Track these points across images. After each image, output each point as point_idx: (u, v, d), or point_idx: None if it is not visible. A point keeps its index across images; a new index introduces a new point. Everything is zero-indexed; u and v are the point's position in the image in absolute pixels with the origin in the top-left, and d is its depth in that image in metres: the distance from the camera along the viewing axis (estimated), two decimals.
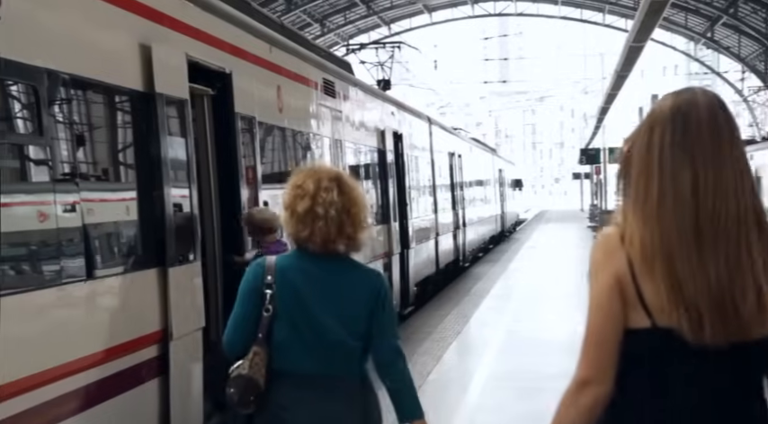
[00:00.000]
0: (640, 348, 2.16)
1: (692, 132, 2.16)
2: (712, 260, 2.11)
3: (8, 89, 4.46)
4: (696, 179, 2.14)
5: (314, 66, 9.98)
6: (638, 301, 2.14)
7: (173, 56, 6.00)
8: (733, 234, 2.13)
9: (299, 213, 3.37)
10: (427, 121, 18.46)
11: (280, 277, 3.36)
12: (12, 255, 4.36)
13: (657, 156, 2.17)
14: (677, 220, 2.13)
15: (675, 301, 2.10)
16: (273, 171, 8.53)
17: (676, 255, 2.11)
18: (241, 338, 3.38)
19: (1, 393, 4.01)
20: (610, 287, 2.18)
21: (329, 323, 3.31)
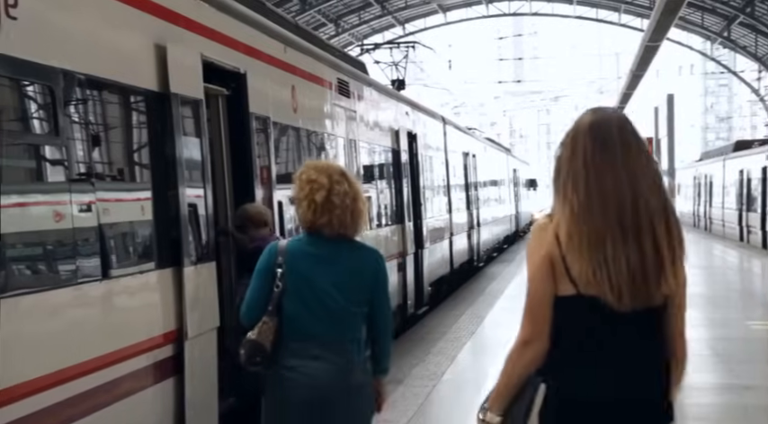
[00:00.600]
0: (569, 311, 2.73)
1: (609, 143, 2.73)
2: (630, 247, 2.70)
3: (24, 89, 4.48)
4: (616, 181, 2.70)
5: (328, 66, 9.99)
6: (565, 275, 2.72)
7: (188, 56, 6.02)
8: (646, 227, 2.71)
9: (317, 203, 3.92)
10: (441, 121, 18.44)
11: (290, 258, 3.92)
12: (28, 255, 4.38)
13: (582, 163, 2.72)
14: (604, 215, 2.69)
15: (602, 278, 2.69)
16: (288, 171, 8.53)
17: (603, 243, 2.69)
18: (255, 310, 3.95)
19: (18, 392, 4.03)
20: (543, 265, 2.73)
21: (334, 295, 3.87)
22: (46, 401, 4.25)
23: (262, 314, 3.90)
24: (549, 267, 2.74)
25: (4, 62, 4.13)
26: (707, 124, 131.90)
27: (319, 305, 3.88)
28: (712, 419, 7.65)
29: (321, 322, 3.87)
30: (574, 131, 2.81)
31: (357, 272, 3.93)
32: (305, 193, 3.97)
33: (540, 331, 2.76)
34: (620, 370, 2.74)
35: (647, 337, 2.79)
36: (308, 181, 3.99)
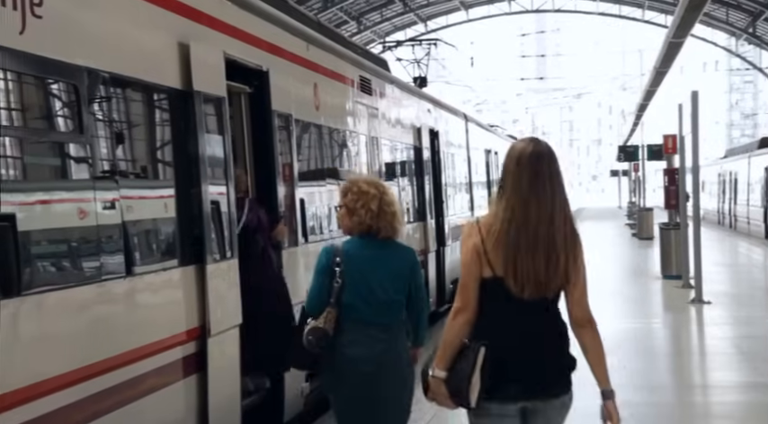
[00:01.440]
0: (489, 289, 3.58)
1: (540, 175, 3.55)
2: (537, 254, 3.54)
3: (49, 87, 4.51)
4: (538, 211, 3.54)
5: (350, 63, 9.99)
6: (486, 261, 3.58)
7: (210, 54, 6.04)
8: (551, 239, 3.56)
9: (373, 211, 4.72)
10: (463, 118, 18.41)
11: (346, 258, 4.70)
12: (53, 252, 4.42)
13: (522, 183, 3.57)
14: (525, 235, 3.54)
15: (509, 272, 3.55)
16: (310, 168, 8.55)
17: (517, 247, 3.53)
18: (318, 303, 4.73)
19: (43, 388, 4.07)
20: (471, 253, 3.59)
21: (382, 286, 4.68)
22: (71, 398, 4.28)
23: (324, 306, 4.67)
24: (475, 254, 3.59)
25: (29, 60, 4.16)
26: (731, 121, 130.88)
27: (372, 297, 4.68)
28: (737, 418, 7.60)
29: (373, 310, 4.67)
30: (516, 156, 3.61)
31: (399, 268, 4.69)
32: (361, 203, 4.73)
33: (468, 302, 3.60)
34: (526, 335, 3.61)
35: (546, 309, 3.66)
36: (361, 192, 4.76)
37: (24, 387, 3.95)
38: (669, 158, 18.56)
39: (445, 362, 3.61)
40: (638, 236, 28.95)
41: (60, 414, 4.20)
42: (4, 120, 4.13)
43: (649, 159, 29.08)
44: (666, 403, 8.08)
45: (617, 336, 11.38)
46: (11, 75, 4.15)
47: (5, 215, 3.98)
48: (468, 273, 3.60)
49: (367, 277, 4.68)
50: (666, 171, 18.31)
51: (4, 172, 4.13)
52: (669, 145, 18.36)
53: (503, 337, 3.57)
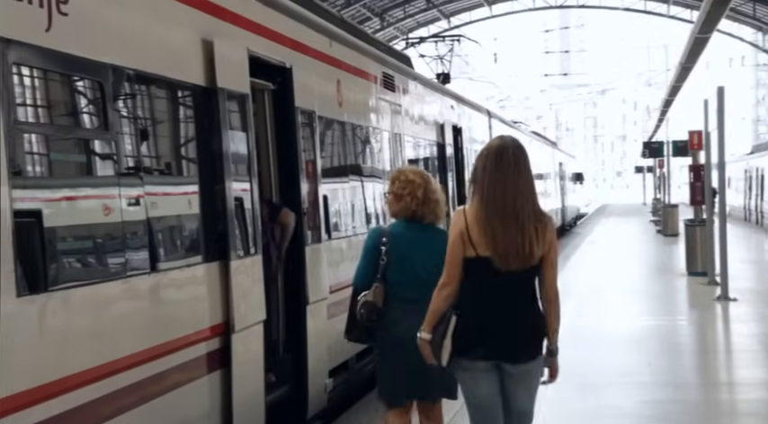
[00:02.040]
0: (471, 267, 4.23)
1: (504, 163, 4.23)
2: (510, 229, 4.18)
3: (75, 85, 4.54)
4: (505, 189, 4.20)
5: (373, 60, 9.98)
6: (469, 243, 4.21)
7: (234, 51, 6.06)
8: (521, 217, 4.20)
9: (419, 197, 5.28)
10: (487, 115, 18.35)
11: (392, 239, 5.24)
12: (78, 248, 4.45)
13: (487, 173, 4.23)
14: (494, 209, 4.19)
15: (492, 248, 4.19)
16: (333, 165, 8.56)
17: (494, 225, 4.19)
18: (363, 278, 5.28)
19: (69, 383, 4.10)
20: (457, 236, 4.24)
21: (424, 267, 5.11)
22: (97, 393, 4.31)
23: (371, 281, 5.21)
24: (460, 238, 4.24)
25: (55, 58, 4.19)
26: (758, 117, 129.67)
27: (414, 275, 5.16)
28: (763, 415, 7.54)
29: (414, 287, 5.07)
30: (485, 152, 4.29)
31: (439, 249, 4.82)
32: (408, 190, 5.27)
33: (451, 278, 4.27)
34: (502, 306, 4.23)
35: (520, 289, 4.27)
36: (408, 181, 5.30)
37: (50, 382, 3.98)
38: (695, 154, 18.42)
39: (430, 327, 4.34)
40: (663, 233, 28.75)
41: (87, 409, 4.23)
42: (30, 117, 4.17)
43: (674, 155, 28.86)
44: (692, 401, 8.03)
45: (642, 333, 11.33)
46: (37, 72, 4.18)
47: (32, 211, 4.01)
48: (453, 254, 4.27)
49: (410, 257, 5.20)
50: (692, 167, 18.18)
51: (30, 168, 4.16)
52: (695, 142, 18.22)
53: (477, 308, 4.26)
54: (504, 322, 4.22)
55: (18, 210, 3.83)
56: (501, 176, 4.22)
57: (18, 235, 3.80)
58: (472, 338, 4.24)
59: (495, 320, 4.23)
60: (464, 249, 4.22)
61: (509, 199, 4.21)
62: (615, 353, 10.08)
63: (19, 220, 3.82)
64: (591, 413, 7.59)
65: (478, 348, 4.24)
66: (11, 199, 3.78)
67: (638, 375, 8.96)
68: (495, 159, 4.25)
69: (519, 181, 4.24)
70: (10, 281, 3.73)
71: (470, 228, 4.21)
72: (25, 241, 3.88)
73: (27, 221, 3.94)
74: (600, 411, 7.63)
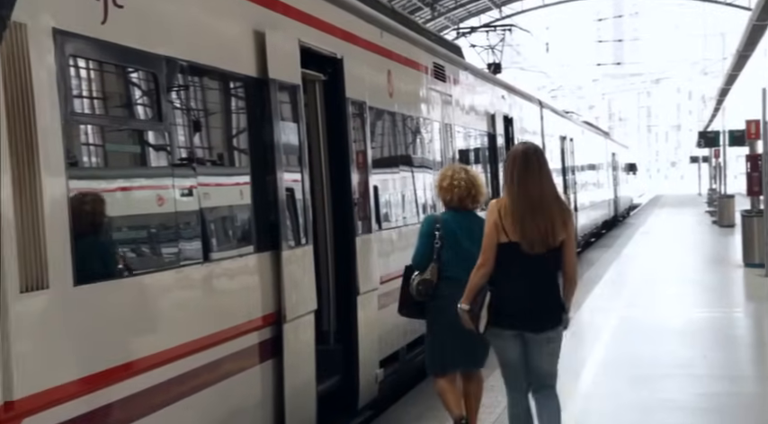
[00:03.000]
0: (503, 251, 5.14)
1: (529, 163, 5.18)
2: (537, 219, 5.09)
3: (130, 76, 4.60)
4: (531, 185, 5.15)
5: (424, 50, 9.96)
6: (503, 231, 5.12)
7: (286, 42, 6.08)
8: (546, 207, 5.13)
9: (467, 190, 6.20)
10: (538, 105, 18.21)
11: (444, 224, 6.13)
12: (132, 238, 4.51)
13: (515, 173, 5.19)
14: (523, 202, 5.12)
15: (521, 235, 5.09)
16: (383, 155, 8.56)
17: (523, 216, 5.10)
18: (422, 259, 6.12)
19: (124, 371, 4.16)
20: (492, 225, 5.16)
21: (470, 248, 5.79)
22: (151, 381, 4.37)
23: (429, 262, 6.04)
24: (495, 227, 5.17)
25: (110, 50, 4.25)
26: None
27: (462, 255, 5.95)
28: None
29: (462, 265, 5.74)
30: (512, 156, 5.28)
31: (479, 233, 5.58)
32: (458, 184, 6.18)
33: (487, 260, 5.19)
34: (528, 284, 5.15)
35: (543, 268, 5.16)
36: (458, 177, 6.21)
37: (106, 370, 4.04)
38: (752, 144, 18.13)
39: (468, 300, 5.26)
40: (719, 224, 28.33)
41: (142, 397, 4.29)
42: (86, 109, 4.23)
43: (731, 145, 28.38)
44: (748, 394, 7.91)
45: (696, 325, 11.18)
46: (93, 64, 4.24)
47: (87, 201, 4.07)
48: (489, 240, 5.19)
49: (459, 239, 6.05)
50: (749, 157, 17.88)
51: (86, 159, 4.23)
52: (752, 131, 17.90)
53: (507, 285, 5.17)
54: (529, 296, 5.16)
55: (74, 200, 3.89)
56: (528, 176, 5.18)
57: (74, 226, 3.86)
58: (503, 310, 5.17)
59: (521, 295, 5.15)
60: (498, 236, 5.16)
61: (536, 195, 5.15)
62: (669, 345, 9.96)
63: (75, 210, 3.88)
64: (644, 406, 7.51)
65: (507, 319, 5.18)
66: (68, 190, 3.84)
67: (692, 367, 8.85)
68: (522, 162, 5.21)
69: (543, 179, 5.23)
70: (67, 271, 3.79)
71: (504, 219, 5.14)
72: (81, 231, 3.94)
73: (83, 211, 4.00)
74: (653, 404, 7.56)
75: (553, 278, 5.20)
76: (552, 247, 5.12)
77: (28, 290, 3.54)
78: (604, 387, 8.28)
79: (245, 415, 5.38)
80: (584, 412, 7.41)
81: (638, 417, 7.25)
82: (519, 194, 5.14)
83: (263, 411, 5.58)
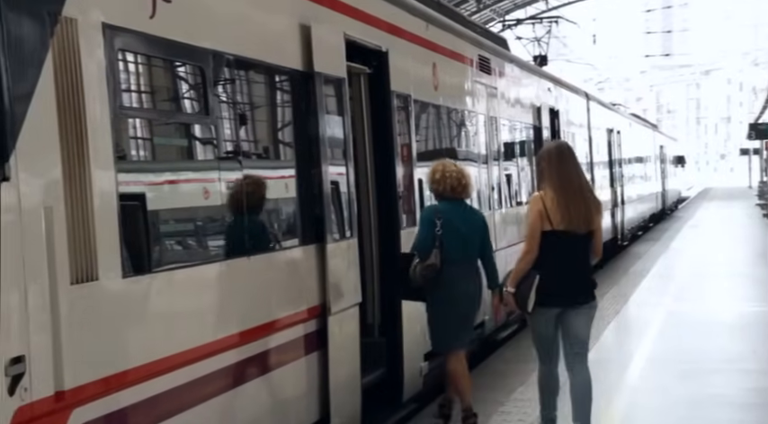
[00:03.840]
0: (548, 237, 5.74)
1: (564, 158, 5.90)
2: (579, 206, 5.78)
3: (177, 70, 4.65)
4: (570, 175, 5.86)
5: (469, 42, 9.92)
6: (547, 219, 5.74)
7: (331, 35, 6.10)
8: (584, 196, 5.87)
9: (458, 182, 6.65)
10: (585, 97, 18.05)
11: (443, 213, 6.56)
12: (179, 231, 4.56)
13: (554, 168, 5.84)
14: (566, 191, 5.78)
15: (567, 220, 5.75)
16: (428, 149, 8.55)
17: (568, 205, 5.74)
18: (425, 245, 6.50)
19: (172, 362, 4.21)
20: (536, 215, 5.76)
21: (467, 234, 6.56)
22: (198, 373, 4.42)
23: (431, 248, 6.43)
24: (539, 216, 5.77)
25: (158, 44, 4.29)
26: None
27: (461, 240, 6.50)
28: None
29: (460, 250, 6.47)
30: (547, 154, 6.02)
31: (475, 222, 6.66)
32: (448, 175, 6.63)
33: (532, 248, 5.80)
34: (570, 266, 5.84)
35: (581, 249, 5.89)
36: (449, 170, 6.67)
37: (154, 361, 4.09)
38: None
39: (515, 283, 5.86)
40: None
41: (189, 388, 4.34)
42: (134, 103, 4.28)
43: None
44: None
45: (746, 319, 11.02)
46: (141, 58, 4.29)
47: (135, 194, 4.13)
48: (534, 229, 5.78)
49: (456, 226, 6.52)
50: None
51: (134, 152, 4.28)
52: None
53: (551, 269, 5.77)
54: (570, 276, 5.84)
55: (123, 194, 3.94)
56: (566, 169, 5.86)
57: (122, 218, 3.91)
58: (548, 290, 5.78)
59: (565, 275, 5.81)
60: (542, 224, 5.75)
61: (575, 185, 5.87)
62: (718, 339, 9.84)
63: (123, 203, 3.93)
64: (692, 400, 7.43)
65: (552, 298, 5.81)
66: (116, 183, 3.89)
67: (741, 361, 8.73)
68: (558, 157, 5.91)
69: (579, 171, 6.00)
70: (116, 263, 3.85)
71: (549, 209, 5.76)
72: (129, 223, 3.99)
73: (131, 204, 4.05)
74: (702, 398, 7.47)
75: (588, 259, 5.99)
76: (589, 230, 5.84)
77: (78, 282, 3.59)
78: (652, 381, 8.20)
79: (290, 407, 5.42)
80: (631, 406, 7.36)
81: (685, 411, 7.17)
82: (562, 185, 5.80)
83: (308, 403, 5.61)
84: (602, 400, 7.47)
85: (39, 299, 3.38)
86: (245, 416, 4.89)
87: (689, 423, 6.90)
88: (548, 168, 5.86)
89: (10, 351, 3.24)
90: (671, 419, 7.08)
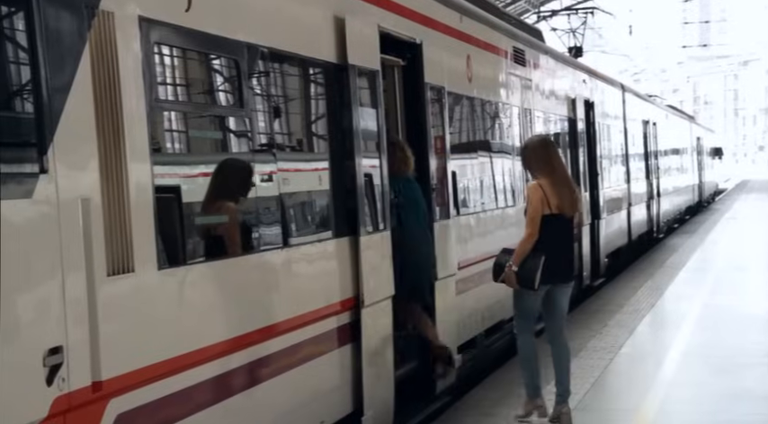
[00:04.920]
0: (547, 220, 6.37)
1: (551, 151, 6.69)
2: (567, 191, 6.50)
3: (212, 63, 4.67)
4: (561, 167, 6.71)
5: (504, 34, 9.87)
6: (547, 204, 6.38)
7: (365, 27, 6.09)
8: (569, 182, 6.67)
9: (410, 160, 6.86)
10: (620, 89, 17.90)
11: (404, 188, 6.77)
12: (214, 223, 4.58)
13: (545, 160, 6.54)
14: (560, 180, 6.50)
15: (564, 204, 6.43)
16: (462, 141, 8.53)
17: (562, 191, 6.45)
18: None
19: (206, 353, 4.24)
20: (538, 201, 6.38)
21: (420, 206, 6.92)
22: (232, 364, 4.45)
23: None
24: (541, 202, 6.35)
25: (194, 37, 4.31)
26: None
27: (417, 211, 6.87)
28: None
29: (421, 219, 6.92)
30: (533, 145, 6.73)
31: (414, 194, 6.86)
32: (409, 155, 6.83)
33: (535, 230, 6.35)
34: (563, 246, 6.51)
35: (570, 230, 6.63)
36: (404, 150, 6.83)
37: (189, 353, 4.12)
38: None
39: (519, 262, 6.34)
40: None
41: (223, 379, 4.37)
42: (170, 95, 4.31)
43: None
44: None
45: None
46: (176, 51, 4.31)
47: (171, 187, 4.16)
48: (536, 213, 6.36)
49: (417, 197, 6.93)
50: None
51: (170, 145, 4.31)
52: None
53: (550, 249, 6.32)
54: (563, 255, 6.48)
55: (158, 186, 3.97)
56: (554, 160, 6.56)
57: (158, 211, 3.94)
58: (549, 269, 6.29)
59: (560, 254, 6.42)
60: (543, 209, 6.34)
61: (565, 174, 6.67)
62: (755, 334, 9.73)
63: (159, 196, 3.96)
64: (727, 394, 7.36)
65: (549, 277, 6.34)
66: (152, 175, 3.92)
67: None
68: (545, 150, 6.60)
69: (562, 161, 6.82)
70: (151, 255, 3.88)
71: (549, 195, 6.36)
72: (165, 216, 4.02)
73: (166, 197, 4.08)
74: (737, 393, 7.40)
75: (573, 240, 6.81)
76: (576, 212, 6.62)
77: (114, 274, 3.63)
78: (687, 375, 8.13)
79: (324, 398, 5.44)
80: (666, 400, 7.31)
81: (720, 405, 7.11)
82: (552, 173, 6.45)
83: (341, 395, 5.63)
84: (636, 393, 7.43)
85: (76, 291, 3.42)
86: (279, 407, 4.92)
87: (723, 417, 6.84)
88: (536, 159, 6.51)
89: (48, 342, 3.28)
90: (705, 412, 7.02)
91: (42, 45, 3.33)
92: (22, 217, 3.22)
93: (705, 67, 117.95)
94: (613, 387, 7.89)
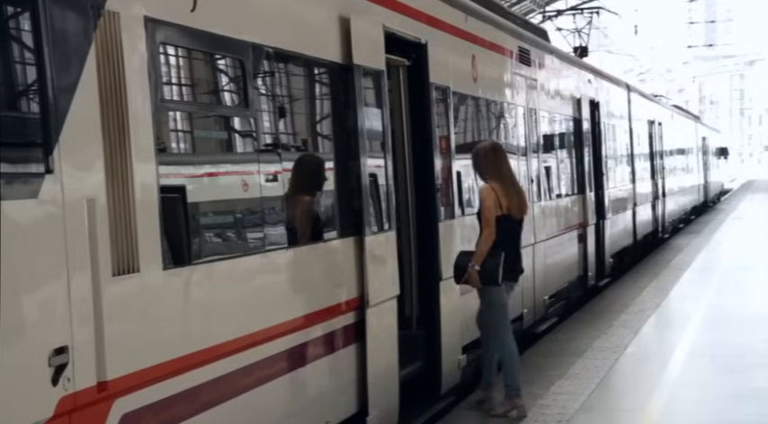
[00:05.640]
0: (502, 221, 6.78)
1: (501, 155, 7.08)
2: (518, 195, 6.96)
3: (217, 63, 4.67)
4: (510, 170, 7.09)
5: (509, 34, 9.86)
6: (499, 206, 6.79)
7: (370, 27, 6.09)
8: (517, 186, 7.08)
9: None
10: (626, 89, 17.88)
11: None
12: (218, 223, 4.59)
13: (497, 163, 6.96)
14: (509, 183, 6.95)
15: (514, 205, 6.87)
16: (467, 141, 8.52)
17: (512, 194, 6.88)
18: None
19: (211, 354, 4.24)
20: (492, 203, 6.77)
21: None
22: (237, 364, 4.45)
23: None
24: (495, 204, 6.72)
25: (199, 37, 4.32)
26: None
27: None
28: None
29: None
30: (484, 150, 7.04)
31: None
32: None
33: (492, 231, 6.70)
34: (515, 245, 6.89)
35: (519, 231, 6.94)
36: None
37: (194, 352, 4.13)
38: None
39: (479, 261, 6.67)
40: None
41: (228, 379, 4.38)
42: (175, 95, 4.31)
43: None
44: None
45: None
46: (182, 51, 4.31)
47: (176, 187, 4.16)
48: (491, 214, 6.70)
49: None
50: None
51: (175, 145, 4.31)
52: None
53: (506, 247, 6.71)
54: (516, 254, 6.87)
55: (163, 186, 3.97)
56: (503, 165, 6.92)
57: (163, 211, 3.94)
58: (509, 267, 6.71)
59: (513, 253, 6.81)
60: (496, 210, 6.69)
61: (513, 178, 7.05)
62: (761, 334, 9.71)
63: (164, 196, 3.97)
64: (734, 395, 7.35)
65: (511, 274, 6.79)
66: (157, 176, 3.93)
67: None
68: (495, 155, 6.96)
69: (511, 166, 7.14)
70: (157, 255, 3.88)
71: (500, 197, 6.73)
72: (170, 216, 4.02)
73: (172, 197, 4.08)
74: (743, 393, 7.39)
75: (521, 241, 7.08)
76: (523, 215, 6.95)
77: (120, 274, 3.63)
78: (693, 375, 8.12)
79: (328, 398, 5.44)
80: (671, 400, 7.30)
81: (727, 405, 7.10)
82: (503, 177, 6.84)
83: (346, 395, 5.63)
84: (642, 393, 7.42)
85: (81, 290, 3.43)
86: (283, 407, 4.92)
87: (730, 417, 6.83)
88: (487, 164, 6.89)
89: (53, 342, 3.28)
90: (711, 412, 7.01)
91: (48, 45, 3.34)
92: (28, 217, 3.23)
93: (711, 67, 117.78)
94: (618, 387, 7.88)
